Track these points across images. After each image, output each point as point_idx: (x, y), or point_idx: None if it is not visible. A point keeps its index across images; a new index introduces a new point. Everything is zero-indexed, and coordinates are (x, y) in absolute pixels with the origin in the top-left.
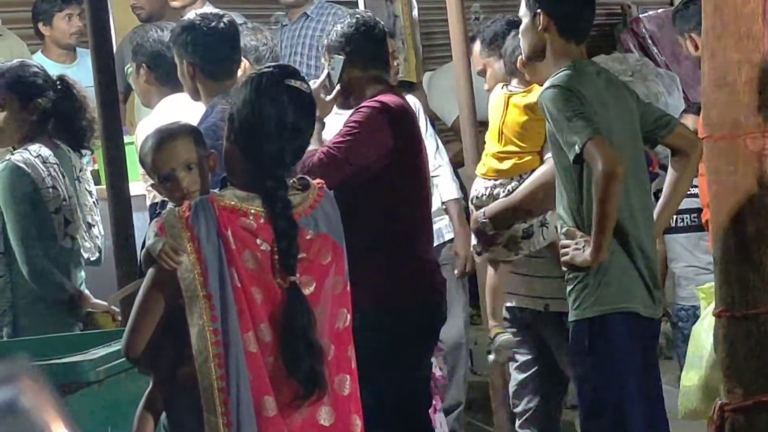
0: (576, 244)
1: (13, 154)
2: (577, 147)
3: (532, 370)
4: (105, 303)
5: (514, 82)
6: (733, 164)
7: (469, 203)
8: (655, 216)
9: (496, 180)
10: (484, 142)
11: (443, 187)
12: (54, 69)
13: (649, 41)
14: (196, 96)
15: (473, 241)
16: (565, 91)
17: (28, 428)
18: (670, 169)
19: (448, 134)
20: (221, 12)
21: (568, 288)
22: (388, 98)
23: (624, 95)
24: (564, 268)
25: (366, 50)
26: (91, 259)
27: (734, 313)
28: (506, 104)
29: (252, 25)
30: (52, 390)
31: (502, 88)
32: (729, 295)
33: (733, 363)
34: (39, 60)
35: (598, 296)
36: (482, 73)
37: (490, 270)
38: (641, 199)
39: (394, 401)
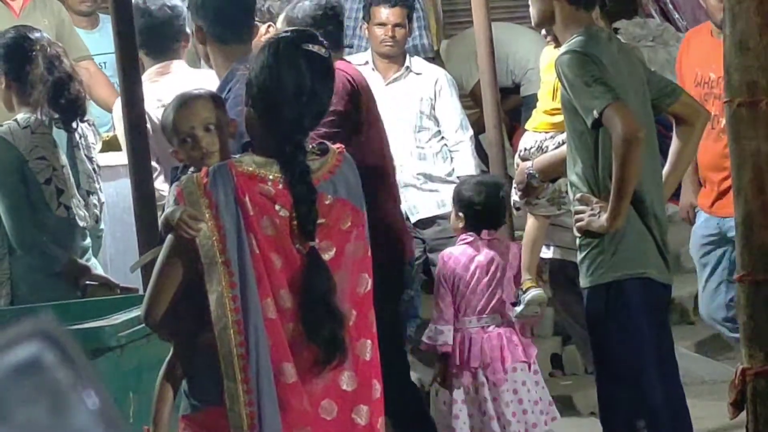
0: (591, 210)
1: (2, 126)
2: (595, 112)
3: None
4: (105, 275)
5: None
6: (754, 128)
7: (515, 158)
8: None
9: (547, 133)
10: (505, 110)
11: (461, 162)
12: (83, 36)
13: (671, 6)
14: (207, 61)
15: (514, 196)
16: (583, 56)
17: (53, 385)
18: (674, 138)
19: (465, 100)
20: None
21: (581, 254)
22: (343, 64)
23: (634, 62)
24: (577, 234)
25: (327, 32)
26: (86, 227)
27: (756, 278)
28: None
29: None
30: (77, 347)
31: (555, 48)
32: (751, 259)
33: (754, 327)
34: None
35: (614, 262)
36: None
37: (531, 223)
38: (652, 165)
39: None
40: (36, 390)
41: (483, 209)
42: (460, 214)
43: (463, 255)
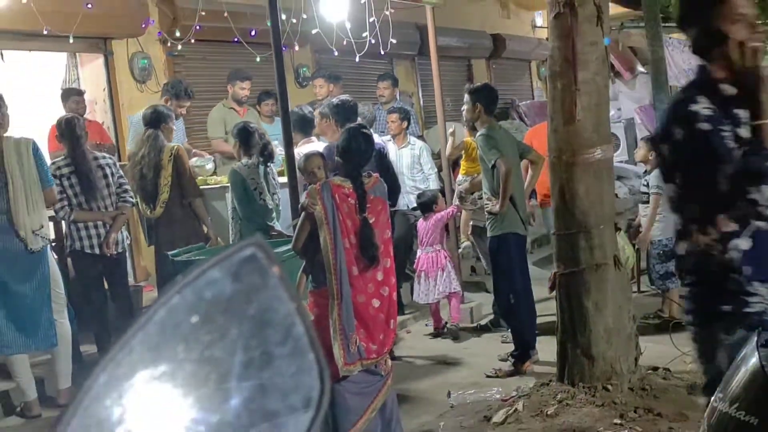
0: (492, 203)
1: (235, 164)
2: (492, 161)
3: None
4: (280, 230)
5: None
6: (560, 168)
7: (455, 185)
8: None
9: (467, 175)
10: (456, 161)
11: (431, 183)
12: (266, 126)
13: (524, 115)
14: (335, 137)
15: (456, 201)
16: (487, 136)
17: (261, 268)
18: (529, 172)
19: (434, 156)
20: (348, 98)
21: (488, 222)
22: None
23: (512, 139)
24: (486, 213)
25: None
26: (272, 209)
27: (559, 233)
28: (473, 146)
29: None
30: (273, 251)
31: (473, 138)
32: (557, 225)
33: (559, 255)
34: (257, 122)
35: (502, 225)
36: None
37: (464, 213)
38: (519, 183)
39: None
40: (253, 270)
41: (419, 205)
42: None
43: (420, 223)
